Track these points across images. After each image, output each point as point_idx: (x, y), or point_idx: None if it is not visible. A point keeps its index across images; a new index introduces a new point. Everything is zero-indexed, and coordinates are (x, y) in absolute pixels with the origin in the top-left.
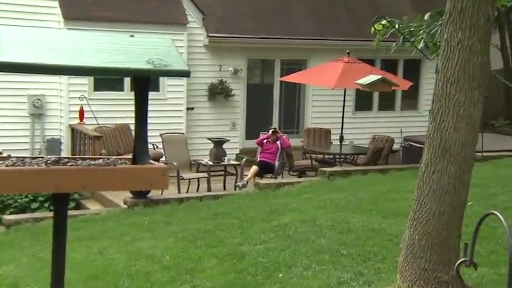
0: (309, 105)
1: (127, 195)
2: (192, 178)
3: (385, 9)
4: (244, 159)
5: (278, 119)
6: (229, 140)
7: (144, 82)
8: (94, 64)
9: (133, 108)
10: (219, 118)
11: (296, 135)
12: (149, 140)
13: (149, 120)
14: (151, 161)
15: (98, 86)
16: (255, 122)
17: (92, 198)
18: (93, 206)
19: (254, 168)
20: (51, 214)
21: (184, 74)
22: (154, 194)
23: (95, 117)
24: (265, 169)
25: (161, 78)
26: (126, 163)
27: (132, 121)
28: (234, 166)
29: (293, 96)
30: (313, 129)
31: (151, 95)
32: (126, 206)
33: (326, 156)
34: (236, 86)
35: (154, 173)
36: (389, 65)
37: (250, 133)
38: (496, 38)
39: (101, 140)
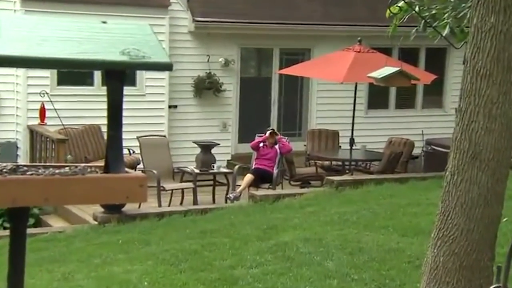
0: (314, 103)
1: (98, 209)
2: (175, 189)
3: None
4: (236, 167)
5: (276, 119)
6: (219, 144)
7: (118, 76)
8: (59, 56)
9: (104, 106)
10: (207, 118)
11: (298, 138)
12: (124, 144)
13: (124, 121)
14: (127, 169)
15: (62, 80)
16: (250, 123)
17: (55, 213)
18: (56, 223)
19: (248, 177)
20: (6, 232)
21: (166, 67)
22: (130, 208)
23: (59, 117)
24: (262, 178)
25: (138, 71)
26: (97, 172)
27: (104, 121)
28: (225, 174)
29: (295, 92)
30: (318, 131)
31: (127, 90)
32: (96, 222)
33: (333, 163)
34: (227, 80)
35: (130, 183)
36: (409, 55)
37: (244, 136)
38: None
39: (67, 144)
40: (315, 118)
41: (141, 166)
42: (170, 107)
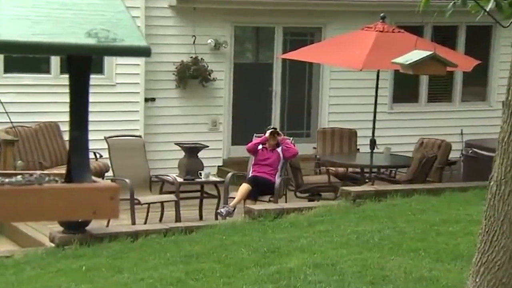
0: (326, 95)
1: (55, 228)
2: (152, 203)
3: None
4: (229, 175)
5: (279, 115)
6: (207, 147)
7: (83, 63)
8: (9, 38)
9: (65, 99)
10: (193, 113)
11: (306, 138)
12: (89, 146)
13: (90, 117)
14: (94, 177)
15: (11, 66)
16: (246, 120)
17: (1, 233)
18: (3, 246)
19: (244, 187)
20: None
21: (142, 52)
22: (96, 226)
23: (6, 112)
24: (261, 188)
25: (107, 57)
26: (57, 181)
27: (63, 118)
28: (215, 184)
29: (302, 81)
30: (330, 130)
31: (92, 79)
32: (53, 244)
33: (350, 170)
34: (217, 67)
35: (99, 195)
36: (444, 35)
37: (239, 136)
38: None
39: (16, 147)
40: (327, 115)
41: (110, 174)
42: (146, 100)
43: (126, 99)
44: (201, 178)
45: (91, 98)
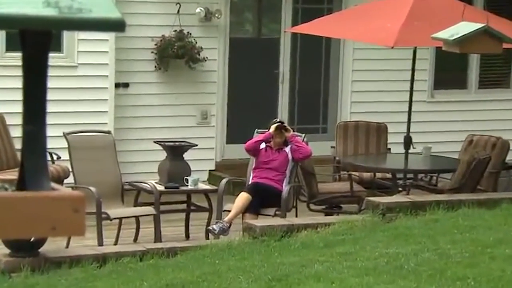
0: (347, 80)
1: (0, 250)
2: (125, 217)
3: None
4: (224, 181)
5: (288, 105)
6: (196, 145)
7: (41, 40)
8: None
9: (14, 84)
10: (178, 103)
11: (322, 135)
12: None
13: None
14: (54, 184)
15: None
16: (245, 112)
17: None
18: None
19: (242, 197)
20: None
21: (114, 25)
22: (52, 247)
23: None
24: (264, 198)
25: (65, 32)
26: (6, 189)
27: (11, 108)
28: (206, 194)
29: (317, 62)
30: (354, 125)
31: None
32: None
33: (378, 175)
34: (208, 44)
35: (59, 206)
36: (500, 2)
37: (236, 132)
38: None
39: None
40: (349, 105)
41: (70, 180)
42: (117, 85)
43: (91, 84)
44: (187, 185)
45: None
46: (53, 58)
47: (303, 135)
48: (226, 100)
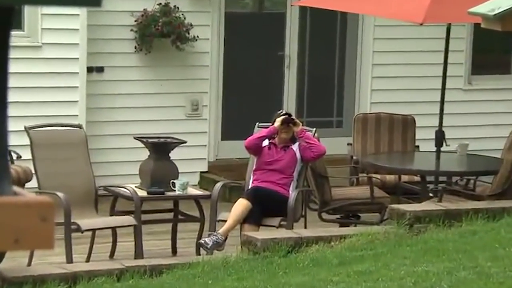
0: (367, 63)
1: None
2: (100, 229)
3: None
4: (218, 185)
5: (295, 94)
6: (185, 142)
7: (1, 18)
8: None
9: None
10: (163, 91)
11: (337, 130)
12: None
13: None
14: (17, 188)
15: None
16: (244, 103)
17: None
18: None
19: (241, 205)
20: None
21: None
22: (11, 264)
23: None
24: (267, 206)
25: (26, 7)
26: None
27: None
28: (196, 200)
29: (330, 42)
30: (374, 118)
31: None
32: None
33: (404, 177)
34: (200, 19)
35: (23, 214)
36: None
37: (233, 126)
38: None
39: None
40: (369, 93)
41: (33, 184)
42: (90, 70)
43: (58, 69)
44: (174, 190)
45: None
46: (12, 37)
47: (314, 130)
48: (221, 87)
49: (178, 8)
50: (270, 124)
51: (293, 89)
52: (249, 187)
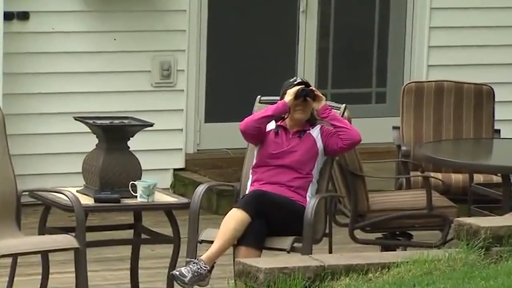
0: (424, 7)
1: None
2: (24, 254)
3: None
4: (201, 189)
5: (314, 56)
6: (151, 125)
7: None
8: None
9: None
10: (118, 49)
11: (377, 107)
12: None
13: None
14: None
15: None
16: (239, 67)
17: None
18: None
19: (235, 218)
20: None
21: None
22: None
23: None
24: (272, 220)
25: None
26: None
27: None
28: (169, 212)
29: None
30: (434, 87)
31: None
32: None
33: (477, 178)
34: None
35: None
36: None
37: (222, 103)
38: None
39: None
40: (426, 52)
41: None
42: (9, 16)
43: None
44: (135, 196)
45: None
46: None
47: (343, 106)
48: (205, 44)
49: None
50: (279, 98)
51: (312, 47)
52: (247, 191)
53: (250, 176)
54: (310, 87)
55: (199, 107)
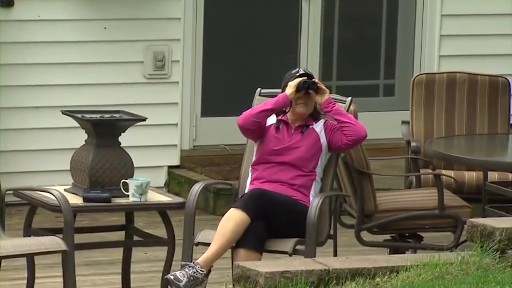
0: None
1: None
2: (7, 257)
3: None
4: (197, 188)
5: (318, 46)
6: (144, 119)
7: None
8: None
9: None
10: (109, 39)
11: (385, 100)
12: None
13: None
14: None
15: None
16: (237, 57)
17: None
18: None
19: (233, 218)
20: None
21: None
22: None
23: None
24: (273, 221)
25: None
26: None
27: None
28: (163, 212)
29: None
30: (445, 79)
31: None
32: None
33: (491, 176)
34: None
35: None
36: None
37: (219, 96)
38: None
39: None
40: (437, 41)
41: None
42: None
43: None
44: (127, 196)
45: None
46: None
47: (349, 100)
48: (201, 34)
49: None
50: (280, 90)
51: (316, 36)
52: (246, 190)
53: (250, 174)
54: (313, 79)
55: (195, 101)
